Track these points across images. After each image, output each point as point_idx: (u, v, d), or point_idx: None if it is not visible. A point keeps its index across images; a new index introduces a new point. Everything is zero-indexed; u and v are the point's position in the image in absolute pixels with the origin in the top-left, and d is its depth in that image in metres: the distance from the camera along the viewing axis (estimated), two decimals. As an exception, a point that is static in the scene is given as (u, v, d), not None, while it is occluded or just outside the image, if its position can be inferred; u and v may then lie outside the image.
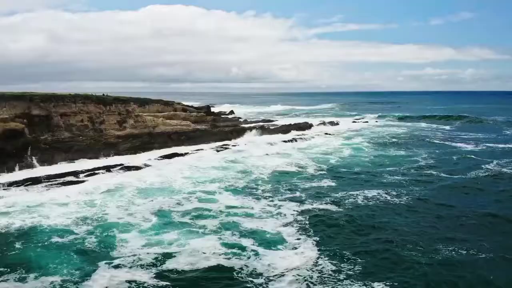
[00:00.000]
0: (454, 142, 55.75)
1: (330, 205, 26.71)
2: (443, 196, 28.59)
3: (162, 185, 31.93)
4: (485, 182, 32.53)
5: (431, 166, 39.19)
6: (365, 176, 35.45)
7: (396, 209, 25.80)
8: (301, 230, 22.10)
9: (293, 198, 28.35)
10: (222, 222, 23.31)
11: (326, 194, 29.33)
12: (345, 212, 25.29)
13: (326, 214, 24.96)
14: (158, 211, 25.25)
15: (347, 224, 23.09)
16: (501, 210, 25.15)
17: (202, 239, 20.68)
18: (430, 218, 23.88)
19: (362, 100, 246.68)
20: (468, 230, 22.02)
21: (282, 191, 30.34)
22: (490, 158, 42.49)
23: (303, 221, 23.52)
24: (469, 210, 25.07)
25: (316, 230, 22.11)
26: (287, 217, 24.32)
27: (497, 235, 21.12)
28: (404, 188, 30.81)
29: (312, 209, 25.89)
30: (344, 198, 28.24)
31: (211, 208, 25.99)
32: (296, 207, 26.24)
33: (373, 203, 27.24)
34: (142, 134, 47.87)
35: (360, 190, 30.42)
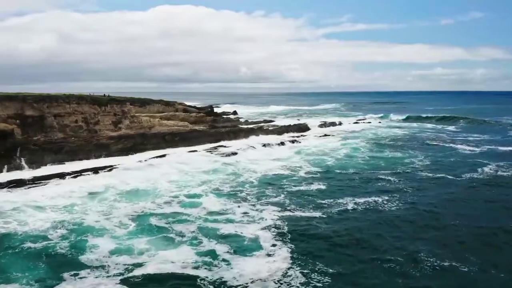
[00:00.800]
0: (455, 143, 54.47)
1: (314, 212, 25.83)
2: (433, 204, 27.45)
3: (147, 187, 31.41)
4: (478, 187, 31.36)
5: (426, 169, 38.13)
6: (357, 180, 34.51)
7: (383, 218, 24.58)
8: (279, 237, 21.37)
9: (277, 203, 27.59)
10: (200, 227, 22.71)
11: (312, 200, 28.49)
12: (328, 219, 24.38)
13: (309, 221, 24.14)
14: (136, 216, 24.72)
15: (327, 233, 22.14)
16: (491, 221, 23.77)
17: (174, 246, 20.10)
18: (416, 230, 22.53)
19: (369, 100, 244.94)
20: (455, 243, 20.77)
21: (268, 195, 29.64)
22: (488, 160, 41.33)
23: (282, 228, 22.76)
24: (459, 222, 23.71)
25: (294, 238, 21.33)
26: (267, 223, 23.60)
27: (485, 250, 19.87)
28: (395, 193, 29.88)
29: (295, 216, 25.09)
30: (331, 205, 27.33)
31: (191, 212, 25.39)
32: (279, 213, 25.51)
33: (360, 210, 26.28)
34: (135, 135, 47.40)
35: (349, 195, 29.57)
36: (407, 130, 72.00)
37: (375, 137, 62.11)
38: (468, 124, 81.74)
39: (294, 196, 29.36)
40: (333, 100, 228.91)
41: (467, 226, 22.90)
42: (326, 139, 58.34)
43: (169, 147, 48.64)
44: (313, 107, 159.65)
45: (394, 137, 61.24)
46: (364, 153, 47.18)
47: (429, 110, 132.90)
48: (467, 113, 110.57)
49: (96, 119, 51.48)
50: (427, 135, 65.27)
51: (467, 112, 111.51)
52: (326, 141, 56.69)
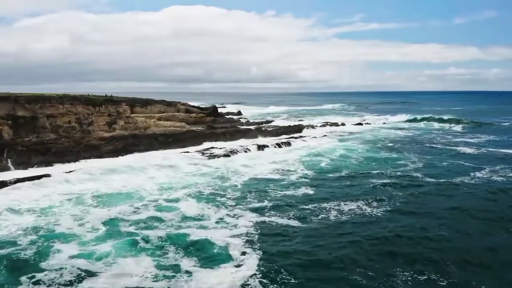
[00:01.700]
0: (456, 146, 52.80)
1: (294, 219, 24.75)
2: (419, 209, 26.47)
3: (129, 190, 30.81)
4: (468, 193, 29.93)
5: (418, 172, 36.76)
6: (347, 184, 33.37)
7: (365, 226, 23.54)
8: (249, 246, 20.48)
9: (257, 209, 26.62)
10: (169, 234, 21.97)
11: (295, 205, 27.49)
12: (305, 228, 23.33)
13: (285, 229, 23.21)
14: (109, 220, 24.09)
15: (300, 243, 21.20)
16: (479, 234, 22.41)
17: (136, 254, 19.40)
18: (395, 242, 21.29)
19: (379, 100, 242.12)
20: (435, 259, 19.64)
21: (250, 200, 28.68)
22: (485, 164, 39.86)
23: (255, 236, 21.87)
24: (444, 235, 22.30)
25: (266, 247, 20.29)
26: (240, 230, 22.69)
27: (471, 268, 18.66)
28: (381, 199, 28.65)
29: (272, 223, 24.18)
30: (314, 211, 26.29)
31: (166, 217, 24.70)
32: (256, 219, 24.65)
33: (342, 218, 25.08)
34: (126, 136, 46.98)
35: (335, 200, 28.47)
36: (409, 131, 70.39)
37: (374, 138, 60.59)
38: (474, 126, 79.33)
39: (277, 202, 28.37)
40: (341, 100, 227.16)
41: (452, 241, 21.54)
42: (324, 140, 57.15)
43: (162, 149, 48.12)
44: (318, 107, 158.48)
45: (394, 139, 59.75)
46: (359, 155, 45.86)
47: (438, 110, 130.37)
48: (477, 114, 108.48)
49: (90, 120, 51.30)
50: (430, 136, 63.60)
51: (477, 112, 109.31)
52: (324, 142, 55.49)
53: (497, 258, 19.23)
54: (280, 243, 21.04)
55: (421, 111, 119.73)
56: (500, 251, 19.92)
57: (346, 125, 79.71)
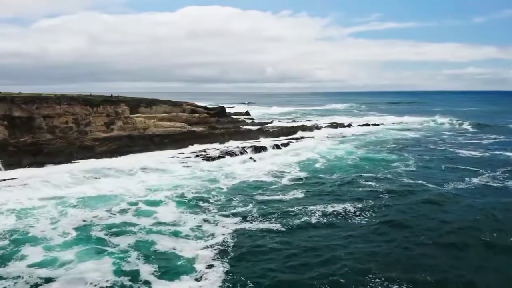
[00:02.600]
0: (459, 148, 50.71)
1: (275, 226, 23.80)
2: (406, 214, 25.33)
3: (113, 193, 30.16)
4: (457, 200, 28.33)
5: (411, 176, 35.44)
6: (337, 186, 32.51)
7: (349, 233, 22.50)
8: (219, 257, 19.56)
9: (241, 214, 25.75)
10: (138, 241, 21.21)
11: (280, 209, 26.61)
12: (284, 234, 22.43)
13: (263, 235, 22.32)
14: (82, 225, 23.51)
15: (275, 251, 20.23)
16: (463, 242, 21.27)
17: (99, 262, 18.66)
18: (375, 260, 19.74)
19: (394, 100, 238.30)
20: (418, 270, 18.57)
21: (234, 205, 27.76)
22: (486, 168, 38.14)
23: (229, 245, 20.98)
24: (427, 241, 21.35)
25: (237, 257, 19.47)
26: (215, 239, 21.81)
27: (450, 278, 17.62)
28: (369, 203, 27.76)
29: (251, 229, 23.27)
30: (298, 215, 25.47)
31: (140, 223, 23.98)
32: (237, 226, 23.78)
33: (325, 222, 24.24)
34: (120, 137, 46.57)
35: (322, 203, 27.66)
36: (416, 133, 68.23)
37: (378, 140, 58.92)
38: (485, 127, 76.27)
39: (263, 206, 27.49)
40: (354, 100, 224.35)
41: (432, 246, 20.46)
42: (326, 142, 55.84)
43: (158, 150, 47.56)
44: (327, 106, 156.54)
45: (398, 140, 57.83)
46: (356, 157, 44.37)
47: (451, 111, 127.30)
48: (491, 115, 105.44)
49: (87, 120, 51.16)
50: (436, 138, 61.41)
51: (491, 113, 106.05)
52: (325, 143, 54.21)
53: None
54: (254, 255, 19.88)
55: (433, 112, 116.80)
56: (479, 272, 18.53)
57: (352, 126, 77.97)
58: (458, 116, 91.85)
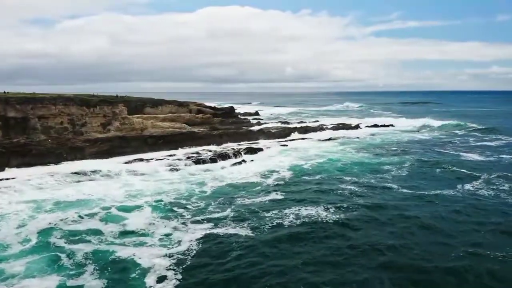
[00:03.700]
0: (464, 151, 47.97)
1: (245, 230, 23.00)
2: (375, 222, 23.90)
3: (91, 198, 29.36)
4: (435, 210, 26.11)
5: (399, 181, 33.71)
6: (318, 190, 31.41)
7: (315, 240, 21.32)
8: (177, 267, 18.55)
9: (216, 219, 24.93)
10: (97, 250, 20.25)
11: (257, 213, 26.00)
12: (255, 241, 21.41)
13: (230, 241, 21.47)
14: (45, 231, 22.73)
15: (241, 261, 19.04)
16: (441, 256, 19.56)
17: (45, 278, 17.58)
18: (345, 263, 18.86)
19: (414, 100, 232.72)
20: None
21: (211, 210, 26.79)
22: (483, 172, 35.93)
23: (193, 255, 19.94)
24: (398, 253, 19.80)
25: (193, 272, 18.21)
26: (181, 246, 20.92)
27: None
28: (344, 208, 26.54)
29: (221, 234, 22.43)
30: (272, 218, 24.87)
31: (106, 230, 23.04)
32: (208, 231, 22.91)
33: (294, 225, 23.58)
34: (112, 138, 45.98)
35: (298, 205, 27.13)
36: (424, 135, 65.49)
37: (380, 142, 56.63)
38: (498, 130, 72.06)
39: (240, 209, 26.72)
40: (371, 99, 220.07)
41: (395, 252, 19.07)
42: (326, 144, 54.16)
43: (151, 151, 46.80)
44: (339, 106, 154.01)
45: (401, 143, 55.29)
46: (351, 160, 42.53)
47: (469, 111, 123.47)
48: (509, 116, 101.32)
49: (83, 121, 50.89)
50: (443, 140, 58.45)
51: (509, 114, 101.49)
52: (324, 145, 52.57)
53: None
54: (214, 265, 18.79)
55: (449, 113, 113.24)
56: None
57: (360, 128, 75.77)
58: (473, 118, 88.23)
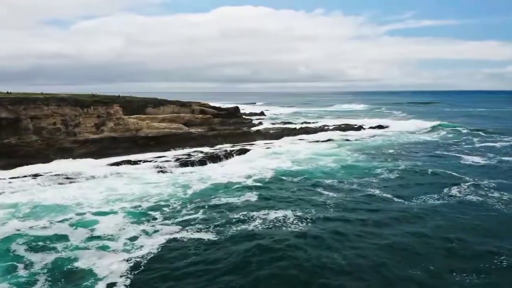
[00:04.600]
0: (466, 154, 46.36)
1: (210, 234, 22.63)
2: (343, 227, 22.89)
3: (69, 201, 28.85)
4: (417, 217, 24.86)
5: (385, 184, 32.52)
6: (294, 193, 30.72)
7: (275, 245, 20.60)
8: (128, 275, 17.98)
9: (185, 222, 24.73)
10: (59, 258, 19.70)
11: (226, 216, 25.71)
12: (216, 245, 21.05)
13: (190, 247, 20.86)
14: (10, 238, 22.21)
15: (196, 267, 18.58)
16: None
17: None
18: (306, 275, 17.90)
19: (427, 100, 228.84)
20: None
21: (185, 213, 26.49)
22: (475, 176, 34.58)
23: (150, 260, 19.45)
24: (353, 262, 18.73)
25: (144, 279, 17.64)
26: (141, 252, 20.40)
27: None
28: (313, 212, 25.69)
29: (186, 239, 21.94)
30: (239, 222, 24.35)
31: (73, 235, 22.51)
32: (174, 235, 22.59)
33: (260, 229, 23.12)
34: (102, 139, 45.56)
35: (268, 209, 26.48)
36: (428, 137, 63.52)
37: (379, 144, 55.07)
38: (506, 132, 69.86)
39: (212, 211, 26.69)
40: (382, 99, 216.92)
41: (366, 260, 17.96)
42: (322, 145, 52.96)
43: (142, 152, 46.24)
44: (346, 106, 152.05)
45: (402, 145, 53.69)
46: (342, 163, 41.40)
47: (480, 112, 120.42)
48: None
49: (76, 121, 50.58)
50: (445, 142, 56.64)
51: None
52: (319, 147, 51.38)
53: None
54: (167, 272, 18.30)
55: (458, 114, 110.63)
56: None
57: (363, 129, 74.21)
58: (479, 119, 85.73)
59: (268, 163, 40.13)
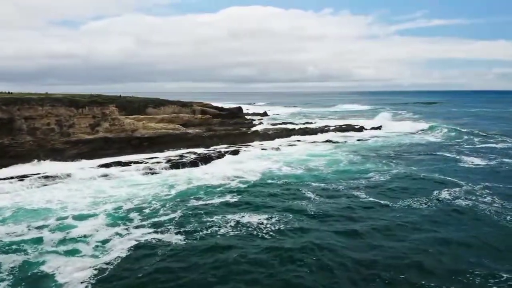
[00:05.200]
0: (467, 156, 45.00)
1: (180, 236, 22.40)
2: (324, 242, 21.52)
3: (52, 205, 28.47)
4: (397, 224, 23.75)
5: (372, 190, 31.32)
6: (274, 196, 29.99)
7: (243, 251, 20.06)
8: (94, 278, 17.69)
9: (158, 224, 24.42)
10: (27, 262, 19.31)
11: (201, 218, 25.17)
12: (183, 250, 20.53)
13: (162, 249, 20.58)
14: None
15: (157, 274, 18.08)
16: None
17: None
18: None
19: (437, 100, 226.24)
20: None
21: (162, 213, 26.45)
22: (470, 180, 33.45)
23: (117, 263, 19.12)
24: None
25: (113, 278, 17.55)
26: (110, 256, 19.93)
27: None
28: (290, 218, 24.99)
29: (154, 242, 21.64)
30: (212, 226, 23.77)
31: (47, 239, 22.09)
32: (145, 237, 22.26)
33: (230, 234, 22.50)
34: (94, 140, 45.33)
35: (244, 213, 25.89)
36: (430, 138, 62.36)
37: (379, 145, 54.11)
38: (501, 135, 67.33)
39: (188, 212, 26.34)
40: (390, 99, 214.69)
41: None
42: (319, 147, 52.10)
43: (135, 153, 45.94)
44: (349, 106, 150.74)
45: (400, 147, 52.47)
46: (334, 165, 40.43)
47: (487, 112, 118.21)
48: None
49: (71, 122, 50.48)
50: (446, 144, 55.49)
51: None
52: (315, 149, 50.60)
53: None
54: (130, 277, 17.82)
55: (465, 114, 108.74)
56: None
57: (366, 129, 73.15)
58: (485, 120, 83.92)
59: (258, 165, 39.49)
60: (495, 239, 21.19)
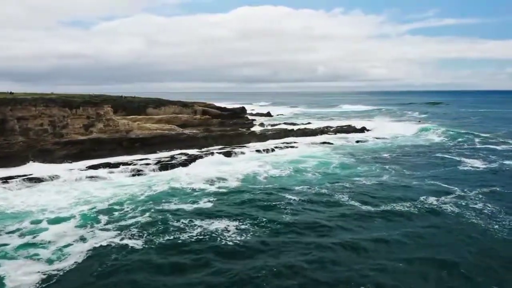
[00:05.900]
0: (469, 157, 43.82)
1: (141, 240, 21.90)
2: (291, 255, 20.43)
3: (33, 208, 28.09)
4: (380, 228, 23.02)
5: (359, 191, 30.54)
6: (251, 201, 29.01)
7: (202, 265, 19.15)
8: (43, 284, 17.18)
9: (125, 226, 24.09)
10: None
11: (169, 222, 24.45)
12: (144, 254, 20.09)
13: (119, 254, 20.12)
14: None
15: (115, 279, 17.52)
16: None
17: None
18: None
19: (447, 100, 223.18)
20: None
21: (133, 215, 26.17)
22: (464, 183, 32.42)
23: (74, 267, 18.84)
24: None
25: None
26: (67, 262, 19.45)
27: None
28: (263, 223, 24.25)
29: (116, 246, 21.14)
30: (178, 231, 23.16)
31: (11, 245, 21.59)
32: (106, 241, 21.77)
33: (192, 239, 21.87)
34: (84, 141, 44.89)
35: (213, 219, 25.01)
36: (431, 139, 60.84)
37: (378, 147, 52.90)
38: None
39: (158, 216, 25.73)
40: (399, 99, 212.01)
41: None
42: (315, 148, 51.12)
43: (127, 154, 45.42)
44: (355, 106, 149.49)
45: (400, 149, 51.44)
46: (322, 168, 39.44)
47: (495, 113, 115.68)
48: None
49: (64, 122, 50.17)
50: (447, 145, 54.10)
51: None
52: (310, 150, 49.63)
53: None
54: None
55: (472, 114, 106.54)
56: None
57: (367, 130, 71.80)
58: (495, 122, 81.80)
59: (245, 167, 38.68)
60: (480, 257, 19.72)
